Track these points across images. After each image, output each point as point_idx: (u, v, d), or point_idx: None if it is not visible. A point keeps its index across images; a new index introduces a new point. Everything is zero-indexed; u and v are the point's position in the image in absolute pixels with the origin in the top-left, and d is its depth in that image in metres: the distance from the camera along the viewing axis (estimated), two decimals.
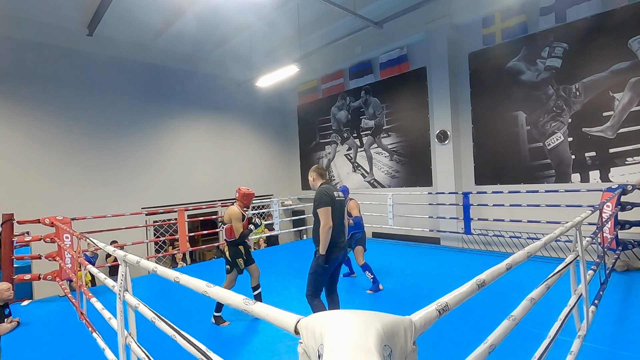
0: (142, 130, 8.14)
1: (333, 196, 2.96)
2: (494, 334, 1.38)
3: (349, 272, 5.23)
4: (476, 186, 6.95)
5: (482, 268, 1.34)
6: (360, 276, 5.15)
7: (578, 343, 2.31)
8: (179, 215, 6.55)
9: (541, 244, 1.78)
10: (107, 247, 2.35)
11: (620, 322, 3.17)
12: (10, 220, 4.94)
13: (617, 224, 4.62)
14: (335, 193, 3.01)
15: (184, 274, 1.46)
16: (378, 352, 0.71)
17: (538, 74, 6.11)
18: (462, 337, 3.04)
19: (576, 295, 2.42)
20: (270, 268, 5.93)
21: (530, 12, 6.10)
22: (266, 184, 10.44)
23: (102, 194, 7.38)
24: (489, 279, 1.31)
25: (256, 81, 8.43)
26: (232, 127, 9.90)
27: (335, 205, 2.95)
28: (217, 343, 3.30)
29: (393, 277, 5.08)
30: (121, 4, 6.19)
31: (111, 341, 2.48)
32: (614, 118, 5.41)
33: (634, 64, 5.18)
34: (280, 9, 6.98)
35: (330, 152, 10.01)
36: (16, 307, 4.53)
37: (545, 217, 5.71)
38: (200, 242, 9.35)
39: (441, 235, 7.21)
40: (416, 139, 7.95)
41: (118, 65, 7.79)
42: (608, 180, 5.47)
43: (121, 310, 2.03)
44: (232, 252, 3.80)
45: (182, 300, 4.44)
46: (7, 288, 4.01)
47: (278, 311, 1.00)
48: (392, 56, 8.11)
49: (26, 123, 6.62)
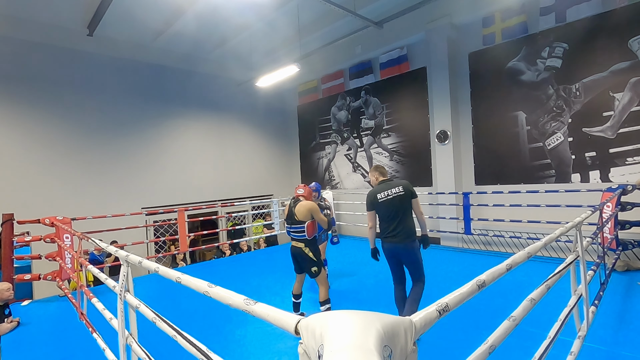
0: (142, 130, 8.14)
1: (375, 199, 3.29)
2: (494, 335, 1.38)
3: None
4: (476, 186, 6.95)
5: (482, 268, 1.35)
6: (360, 276, 5.15)
7: (578, 343, 2.31)
8: (179, 216, 6.55)
9: (541, 245, 1.78)
10: (109, 247, 2.36)
11: (620, 322, 3.18)
12: (10, 220, 4.94)
13: (617, 224, 4.62)
14: (380, 194, 3.28)
15: (185, 274, 1.46)
16: (378, 352, 0.71)
17: (538, 74, 6.11)
18: (462, 338, 3.04)
19: (576, 295, 2.42)
20: (270, 268, 5.94)
21: (530, 12, 6.10)
22: (266, 184, 10.44)
23: (102, 194, 7.38)
24: (489, 279, 1.31)
25: (256, 81, 8.42)
26: (232, 127, 9.90)
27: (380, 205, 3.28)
28: (217, 343, 3.30)
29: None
30: (121, 4, 6.19)
31: (111, 341, 2.49)
32: (614, 118, 5.41)
33: (634, 64, 5.18)
34: (280, 9, 6.98)
35: (330, 152, 10.01)
36: (16, 307, 4.53)
37: (546, 217, 5.71)
38: (200, 242, 9.34)
39: (441, 235, 7.21)
40: (416, 139, 7.95)
41: (118, 65, 7.79)
42: (608, 180, 5.47)
43: (122, 311, 2.03)
44: (314, 250, 3.50)
45: (183, 300, 4.44)
46: (7, 288, 4.01)
47: (278, 311, 1.01)
48: (392, 56, 8.11)
49: (26, 123, 6.62)
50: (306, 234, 3.48)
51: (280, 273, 5.64)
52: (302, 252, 3.50)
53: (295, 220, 3.51)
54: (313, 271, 3.48)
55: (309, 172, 10.70)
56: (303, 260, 3.53)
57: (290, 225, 3.56)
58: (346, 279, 5.11)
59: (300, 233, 3.50)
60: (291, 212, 3.56)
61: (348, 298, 4.29)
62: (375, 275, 5.16)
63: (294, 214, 3.52)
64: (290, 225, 3.57)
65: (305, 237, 3.49)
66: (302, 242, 3.52)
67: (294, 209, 3.54)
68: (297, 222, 3.50)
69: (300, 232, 3.50)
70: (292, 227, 3.54)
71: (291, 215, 3.55)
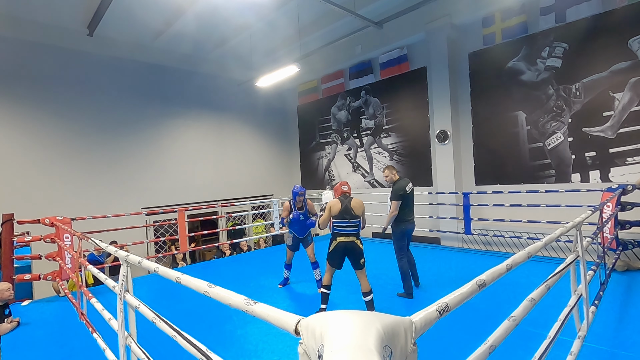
0: (142, 130, 8.14)
1: (405, 191, 4.19)
2: (494, 335, 1.38)
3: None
4: (476, 186, 6.95)
5: (482, 268, 1.34)
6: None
7: (578, 343, 2.31)
8: (179, 216, 6.55)
9: (542, 245, 1.78)
10: (109, 247, 2.35)
11: (620, 322, 3.17)
12: (10, 220, 4.94)
13: (617, 224, 4.62)
14: (406, 188, 4.20)
15: (185, 274, 1.46)
16: (378, 352, 0.71)
17: (538, 74, 6.11)
18: (462, 338, 3.04)
19: (576, 295, 2.42)
20: (271, 268, 5.94)
21: (530, 12, 6.10)
22: (266, 184, 10.44)
23: (102, 194, 7.38)
24: (489, 279, 1.31)
25: (256, 81, 8.42)
26: (232, 127, 9.90)
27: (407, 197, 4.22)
28: (217, 343, 3.30)
29: (393, 277, 5.08)
30: (121, 4, 6.19)
31: (111, 341, 2.48)
32: (614, 118, 5.41)
33: (634, 64, 5.18)
34: (280, 9, 6.98)
35: (330, 152, 10.01)
36: (16, 307, 4.53)
37: (546, 217, 5.71)
38: (200, 242, 9.34)
39: (441, 235, 7.21)
40: (416, 139, 7.95)
41: (118, 65, 7.79)
42: (608, 180, 5.47)
43: (122, 311, 2.02)
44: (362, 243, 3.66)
45: (183, 300, 4.44)
46: (7, 288, 4.01)
47: (278, 311, 1.00)
48: (392, 56, 8.11)
49: (26, 123, 6.62)
50: (359, 228, 3.65)
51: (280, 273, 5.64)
52: (356, 246, 3.58)
53: (353, 215, 3.59)
54: (362, 262, 3.60)
55: (309, 172, 10.70)
56: (357, 254, 3.59)
57: (349, 220, 3.58)
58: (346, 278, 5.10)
59: (356, 227, 3.61)
60: (347, 207, 3.60)
61: (348, 298, 4.28)
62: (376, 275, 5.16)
63: (351, 209, 3.59)
64: (347, 220, 3.59)
65: (359, 231, 3.64)
66: (355, 235, 3.61)
67: (349, 204, 3.61)
68: (355, 217, 3.59)
69: (356, 227, 3.61)
70: (350, 222, 3.59)
71: (348, 211, 3.59)
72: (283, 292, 4.69)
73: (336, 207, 3.62)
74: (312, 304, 4.18)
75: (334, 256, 3.64)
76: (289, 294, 4.58)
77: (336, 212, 3.60)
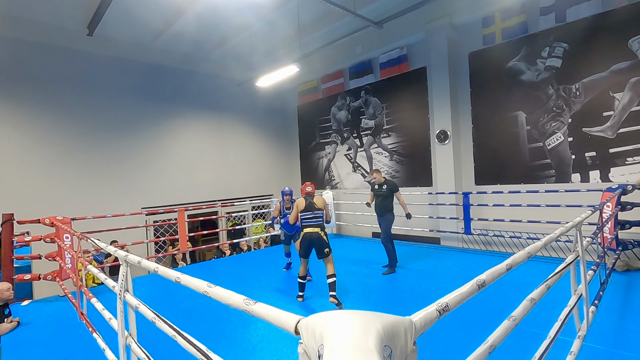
0: (142, 130, 8.14)
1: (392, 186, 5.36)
2: (494, 335, 1.38)
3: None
4: (476, 186, 6.95)
5: (482, 268, 1.34)
6: (360, 276, 5.15)
7: (578, 343, 2.31)
8: (179, 215, 6.55)
9: (542, 245, 1.78)
10: (109, 247, 2.35)
11: (620, 322, 3.17)
12: (10, 220, 4.94)
13: (617, 224, 4.62)
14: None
15: (185, 274, 1.46)
16: (378, 352, 0.71)
17: (538, 74, 6.11)
18: (462, 338, 3.04)
19: (576, 295, 2.42)
20: (271, 268, 5.94)
21: (530, 12, 6.10)
22: (266, 184, 10.44)
23: (102, 194, 7.38)
24: (489, 279, 1.31)
25: (256, 81, 8.42)
26: (232, 127, 9.90)
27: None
28: (217, 343, 3.30)
29: (393, 277, 5.09)
30: (121, 4, 6.19)
31: (111, 341, 2.48)
32: (614, 118, 5.41)
33: (634, 64, 5.18)
34: (280, 9, 6.98)
35: (330, 152, 10.01)
36: (16, 307, 4.53)
37: (546, 217, 5.71)
38: (200, 242, 9.34)
39: (441, 235, 7.21)
40: (416, 139, 7.95)
41: (118, 65, 7.79)
42: (608, 180, 5.47)
43: (121, 311, 2.03)
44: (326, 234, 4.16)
45: (182, 300, 4.44)
46: (7, 288, 4.01)
47: (278, 311, 1.00)
48: (392, 56, 8.11)
49: (26, 123, 6.62)
50: (323, 220, 4.20)
51: (280, 273, 5.64)
52: (320, 236, 4.09)
53: (315, 208, 4.18)
54: (326, 252, 4.06)
55: (309, 172, 10.70)
56: (320, 244, 4.07)
57: (311, 213, 4.16)
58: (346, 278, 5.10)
59: (319, 219, 4.18)
60: (311, 203, 4.20)
61: (348, 298, 4.29)
62: (376, 276, 5.16)
63: (314, 204, 4.20)
64: (309, 213, 4.16)
65: (322, 222, 4.18)
66: (319, 227, 4.13)
67: (312, 200, 4.22)
68: (317, 209, 4.18)
69: (319, 218, 4.18)
70: (313, 214, 4.16)
71: (311, 206, 4.19)
72: (283, 292, 4.69)
73: (302, 204, 4.23)
74: (311, 304, 4.18)
75: (302, 246, 4.20)
76: (289, 294, 4.58)
77: (302, 208, 4.20)
